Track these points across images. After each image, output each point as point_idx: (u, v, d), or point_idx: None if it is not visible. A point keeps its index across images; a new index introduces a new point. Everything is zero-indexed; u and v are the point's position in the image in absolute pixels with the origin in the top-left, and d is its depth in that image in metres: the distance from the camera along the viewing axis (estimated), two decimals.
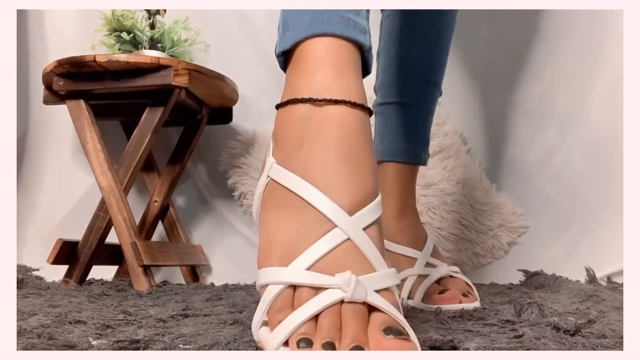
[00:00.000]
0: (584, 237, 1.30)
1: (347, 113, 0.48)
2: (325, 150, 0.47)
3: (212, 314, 0.67)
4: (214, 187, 1.42)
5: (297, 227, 0.45)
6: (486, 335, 0.51)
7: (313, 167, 0.47)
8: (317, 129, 0.48)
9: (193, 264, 1.28)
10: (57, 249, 1.08)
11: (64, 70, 1.10)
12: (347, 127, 0.48)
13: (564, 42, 1.33)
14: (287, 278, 0.43)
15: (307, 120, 0.49)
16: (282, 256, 0.44)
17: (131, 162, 1.11)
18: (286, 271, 0.43)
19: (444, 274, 0.78)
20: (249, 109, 1.40)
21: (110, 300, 0.83)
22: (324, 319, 0.40)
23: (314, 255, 0.43)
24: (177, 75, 1.07)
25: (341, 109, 0.48)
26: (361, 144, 0.48)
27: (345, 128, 0.48)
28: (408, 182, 0.86)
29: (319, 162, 0.47)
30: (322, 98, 0.48)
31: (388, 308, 0.41)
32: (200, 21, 1.29)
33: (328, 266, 0.42)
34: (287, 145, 0.50)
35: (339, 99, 0.48)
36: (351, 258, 0.43)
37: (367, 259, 0.44)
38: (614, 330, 0.52)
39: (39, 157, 1.43)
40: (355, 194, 0.46)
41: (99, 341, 0.48)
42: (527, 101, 1.34)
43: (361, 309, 0.41)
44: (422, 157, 0.89)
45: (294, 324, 0.40)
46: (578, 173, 1.31)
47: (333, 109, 0.48)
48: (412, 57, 0.87)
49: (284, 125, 0.51)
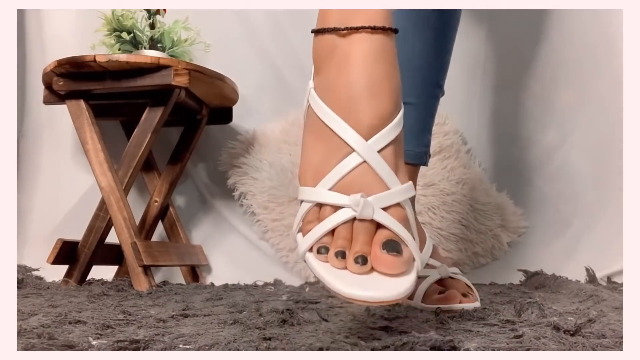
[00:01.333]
0: (584, 237, 1.30)
1: (367, 40, 0.52)
2: (346, 78, 0.52)
3: (212, 314, 0.67)
4: (214, 187, 1.42)
5: (324, 151, 0.52)
6: (486, 335, 0.51)
7: (337, 95, 0.52)
8: (341, 58, 0.52)
9: (193, 264, 1.28)
10: (57, 249, 1.08)
11: (64, 70, 1.10)
12: (367, 54, 0.52)
13: (564, 42, 1.33)
14: (314, 197, 0.51)
15: (334, 49, 0.53)
16: (313, 177, 0.52)
17: (131, 162, 1.11)
18: (313, 191, 0.51)
19: (444, 275, 0.78)
20: (249, 109, 1.40)
21: (110, 300, 0.83)
22: (339, 232, 0.48)
23: (335, 177, 0.50)
24: (177, 75, 1.07)
25: (362, 37, 0.52)
26: (380, 69, 0.52)
27: (366, 55, 0.52)
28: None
29: (342, 89, 0.52)
30: (345, 27, 0.52)
31: (391, 224, 0.48)
32: (200, 21, 1.29)
33: (347, 187, 0.49)
34: (320, 73, 0.55)
35: (359, 26, 0.52)
36: (367, 178, 0.50)
37: (380, 179, 0.50)
38: (614, 330, 0.52)
39: (39, 157, 1.43)
40: (372, 119, 0.51)
41: (99, 341, 0.48)
42: (527, 101, 1.34)
43: (368, 225, 0.47)
44: (423, 158, 0.89)
45: (316, 235, 0.48)
46: (578, 173, 1.32)
47: (355, 37, 0.52)
48: (414, 57, 0.86)
49: (317, 53, 0.55)
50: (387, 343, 0.46)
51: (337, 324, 0.60)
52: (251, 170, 1.34)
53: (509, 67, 1.35)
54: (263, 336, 0.50)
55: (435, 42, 0.87)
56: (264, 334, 0.52)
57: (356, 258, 0.46)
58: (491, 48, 1.36)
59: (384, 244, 0.46)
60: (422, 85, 0.87)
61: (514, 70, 1.35)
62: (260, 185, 1.32)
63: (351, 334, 0.53)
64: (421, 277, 0.77)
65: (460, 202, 1.29)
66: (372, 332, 0.55)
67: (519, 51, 1.35)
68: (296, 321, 0.59)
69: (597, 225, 1.29)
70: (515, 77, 1.35)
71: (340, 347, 0.46)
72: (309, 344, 0.47)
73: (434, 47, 0.87)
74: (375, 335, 0.53)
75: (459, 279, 0.79)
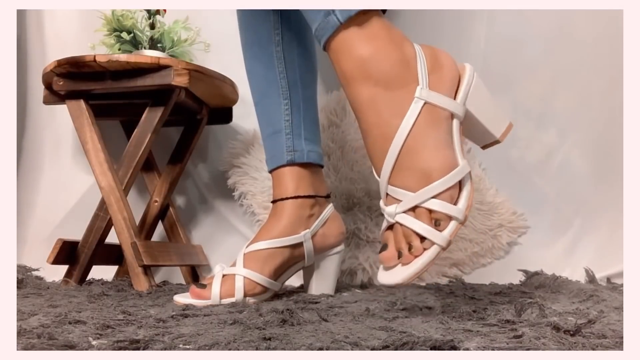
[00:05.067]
0: (584, 237, 1.30)
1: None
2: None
3: (212, 314, 0.67)
4: (214, 187, 1.42)
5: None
6: (486, 335, 0.51)
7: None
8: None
9: (193, 264, 1.28)
10: (57, 249, 1.08)
11: (64, 70, 1.10)
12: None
13: (564, 42, 1.33)
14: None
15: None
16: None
17: (131, 162, 1.11)
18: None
19: (390, 217, 0.67)
20: (249, 109, 1.39)
21: (110, 300, 0.83)
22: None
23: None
24: (177, 75, 1.07)
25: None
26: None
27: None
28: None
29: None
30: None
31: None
32: (200, 21, 1.29)
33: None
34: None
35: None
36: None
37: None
38: (614, 330, 0.52)
39: (39, 157, 1.43)
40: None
41: (99, 341, 0.48)
42: (527, 101, 1.34)
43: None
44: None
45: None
46: (578, 173, 1.32)
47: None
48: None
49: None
50: (387, 343, 0.46)
51: (337, 324, 0.60)
52: (251, 170, 1.34)
53: (509, 67, 1.35)
54: (263, 336, 0.50)
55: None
56: (264, 334, 0.52)
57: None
58: (491, 48, 1.36)
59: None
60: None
61: (514, 70, 1.35)
62: (260, 185, 1.32)
63: (351, 334, 0.53)
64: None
65: None
66: (372, 332, 0.55)
67: (519, 51, 1.35)
68: (296, 321, 0.59)
69: (597, 225, 1.29)
70: (515, 77, 1.35)
71: (340, 347, 0.46)
72: (309, 344, 0.47)
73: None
74: (375, 335, 0.53)
75: (405, 225, 0.66)
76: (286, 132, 0.95)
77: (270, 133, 0.97)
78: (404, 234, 0.66)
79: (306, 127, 0.97)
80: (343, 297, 0.89)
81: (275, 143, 0.95)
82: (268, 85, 0.97)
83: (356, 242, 1.26)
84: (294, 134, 0.95)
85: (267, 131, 0.98)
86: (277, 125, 0.96)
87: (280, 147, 0.94)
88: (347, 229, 1.11)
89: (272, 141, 0.96)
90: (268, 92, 0.97)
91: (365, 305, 0.74)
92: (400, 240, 0.66)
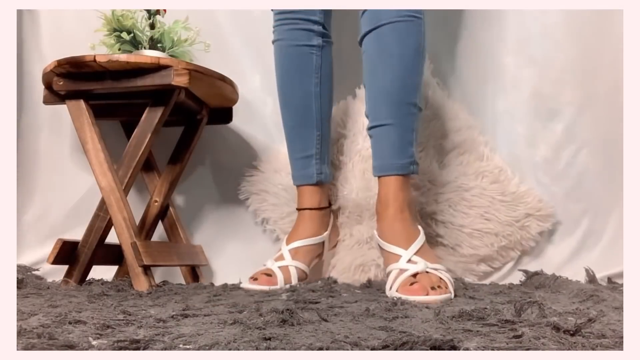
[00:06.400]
0: (585, 237, 1.30)
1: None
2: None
3: (212, 314, 0.67)
4: (214, 187, 1.42)
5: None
6: (486, 335, 0.51)
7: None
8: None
9: (193, 264, 1.28)
10: (57, 249, 1.08)
11: (64, 70, 1.10)
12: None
13: (565, 42, 1.33)
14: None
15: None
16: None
17: (131, 162, 1.11)
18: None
19: (420, 269, 0.92)
20: (249, 109, 1.40)
21: (110, 300, 0.83)
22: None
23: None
24: (177, 75, 1.07)
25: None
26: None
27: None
28: (398, 191, 1.03)
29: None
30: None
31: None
32: (200, 21, 1.29)
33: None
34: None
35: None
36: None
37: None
38: (614, 330, 0.52)
39: (39, 157, 1.42)
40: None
41: (99, 341, 0.48)
42: (532, 100, 1.34)
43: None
44: (410, 168, 1.04)
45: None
46: (586, 172, 1.31)
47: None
48: (386, 84, 1.03)
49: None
50: (387, 343, 0.46)
51: (337, 324, 0.60)
52: (270, 197, 1.35)
53: (517, 66, 1.35)
54: (263, 336, 0.50)
55: (401, 68, 1.02)
56: (264, 334, 0.52)
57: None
58: (492, 48, 1.36)
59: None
60: (397, 107, 1.03)
61: (520, 69, 1.34)
62: (279, 211, 1.34)
63: (351, 334, 0.53)
64: (403, 270, 0.94)
65: (481, 195, 1.26)
66: (372, 332, 0.55)
67: (519, 51, 1.35)
68: (296, 321, 0.59)
69: (599, 226, 1.29)
70: (523, 75, 1.34)
71: (340, 347, 0.46)
72: (309, 344, 0.47)
73: (401, 72, 1.02)
74: (375, 335, 0.53)
75: (434, 273, 0.92)
76: (316, 158, 1.19)
77: (302, 157, 1.19)
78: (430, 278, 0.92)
79: (327, 153, 1.22)
80: (343, 297, 0.89)
81: (307, 165, 1.19)
82: (305, 117, 1.18)
83: (369, 246, 1.26)
84: (321, 159, 1.20)
85: (299, 154, 1.20)
86: (309, 151, 1.19)
87: (310, 170, 1.19)
88: (362, 237, 1.25)
89: (303, 163, 1.19)
90: (304, 123, 1.18)
91: (365, 305, 0.74)
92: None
